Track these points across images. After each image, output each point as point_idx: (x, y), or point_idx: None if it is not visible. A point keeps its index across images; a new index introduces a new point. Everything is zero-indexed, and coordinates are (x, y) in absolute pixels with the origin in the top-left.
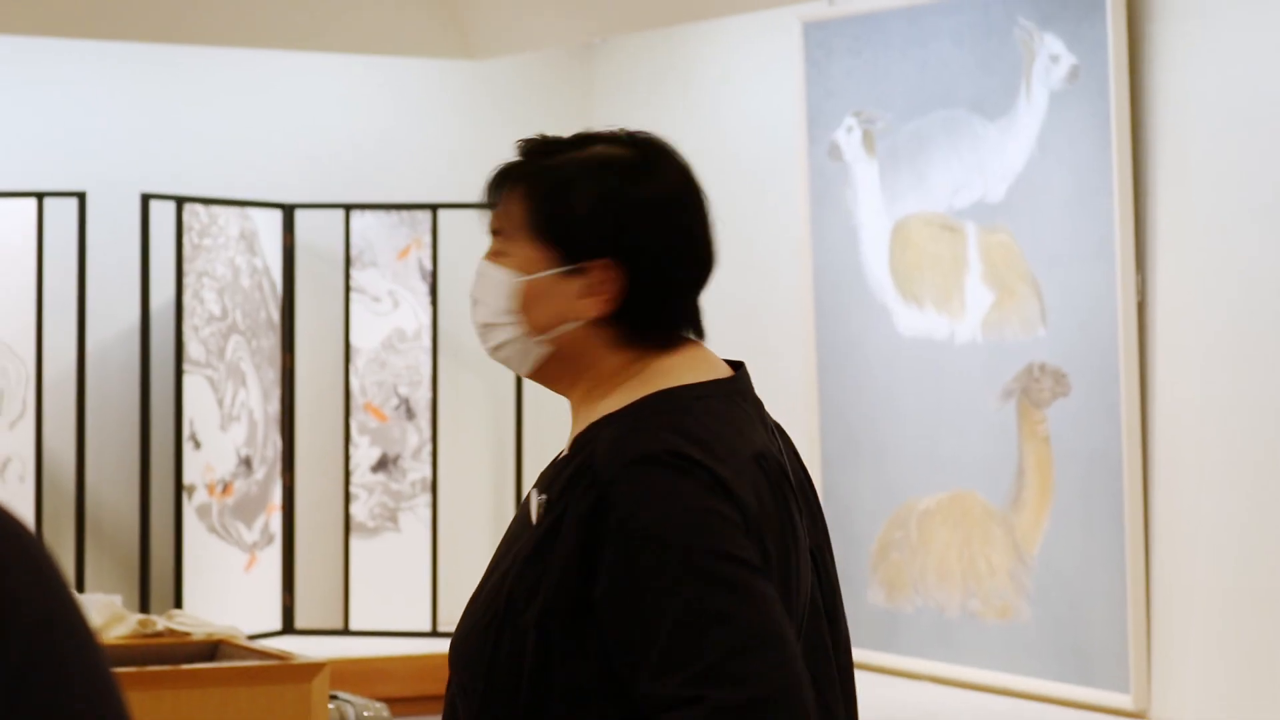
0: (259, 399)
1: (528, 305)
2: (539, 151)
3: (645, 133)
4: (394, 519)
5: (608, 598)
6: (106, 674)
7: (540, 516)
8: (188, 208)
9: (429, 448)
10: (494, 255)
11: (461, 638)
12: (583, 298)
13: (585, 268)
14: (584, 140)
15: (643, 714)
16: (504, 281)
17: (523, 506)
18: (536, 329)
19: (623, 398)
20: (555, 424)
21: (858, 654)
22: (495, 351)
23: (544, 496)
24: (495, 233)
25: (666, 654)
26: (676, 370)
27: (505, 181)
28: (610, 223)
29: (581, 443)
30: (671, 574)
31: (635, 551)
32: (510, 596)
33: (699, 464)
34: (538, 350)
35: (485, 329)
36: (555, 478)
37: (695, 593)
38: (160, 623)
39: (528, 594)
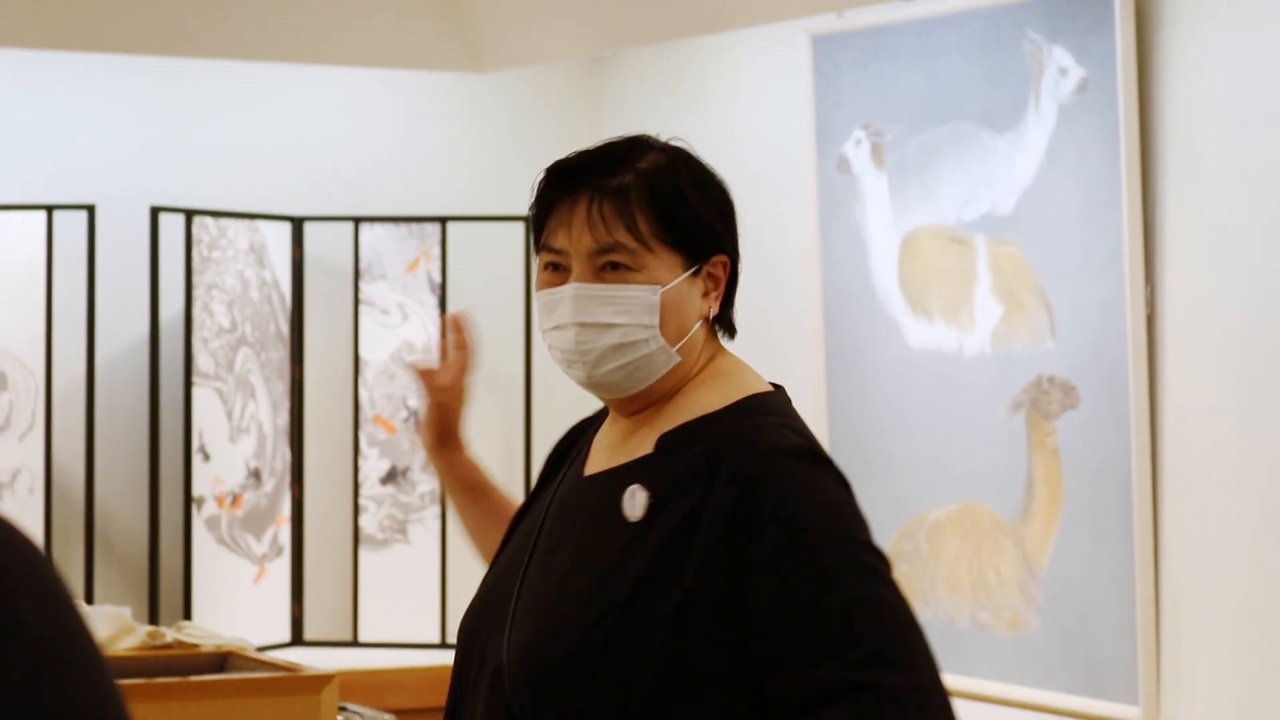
0: (268, 411)
1: (666, 316)
2: (604, 163)
3: (668, 139)
4: (403, 531)
5: (761, 585)
6: (111, 686)
7: (649, 512)
8: (197, 220)
9: None
10: (605, 273)
11: (545, 637)
12: (705, 297)
13: (704, 266)
14: (631, 147)
15: (792, 700)
16: (642, 297)
17: (603, 502)
18: (672, 339)
19: (706, 399)
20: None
21: None
22: (610, 374)
23: (649, 493)
24: (605, 250)
25: (827, 639)
26: (737, 373)
27: (606, 196)
28: (719, 218)
29: (680, 440)
30: (829, 562)
31: (790, 540)
32: (636, 590)
33: (829, 460)
34: (669, 362)
35: (608, 353)
36: (655, 474)
37: (853, 580)
38: (169, 634)
39: (663, 586)
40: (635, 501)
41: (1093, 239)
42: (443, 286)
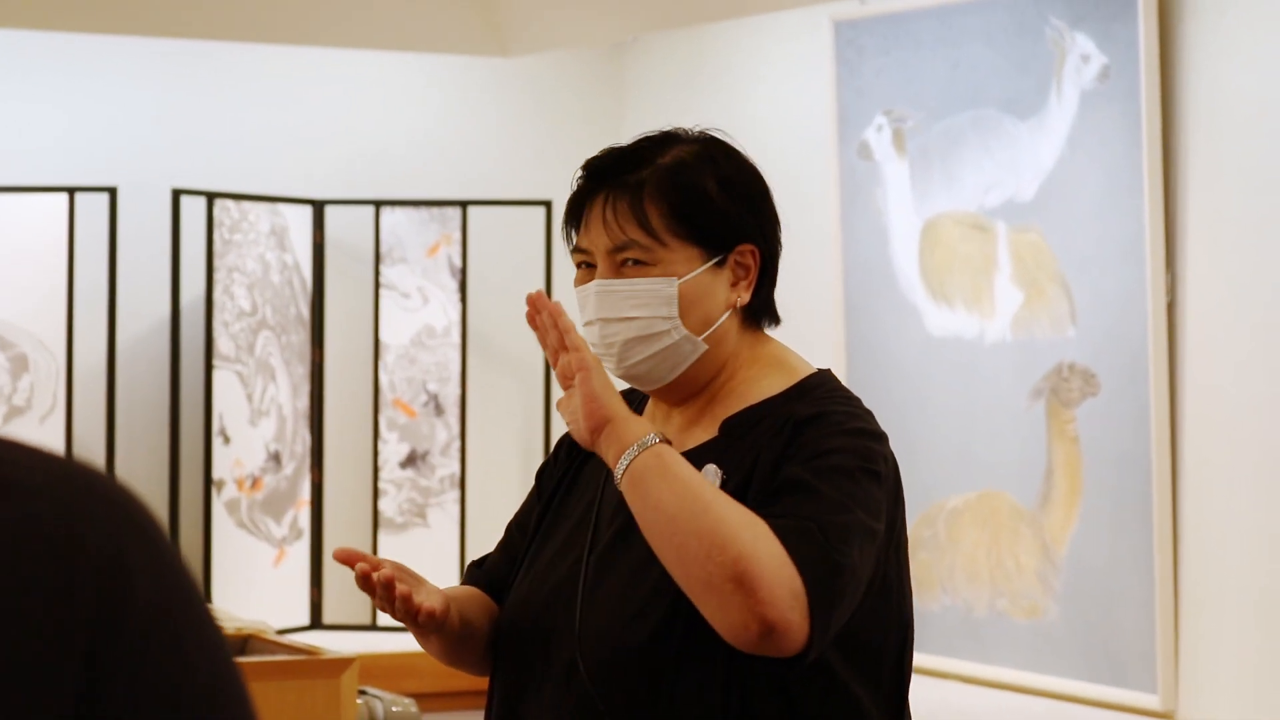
0: (288, 394)
1: (688, 307)
2: (627, 160)
3: (703, 129)
4: (422, 515)
5: (780, 481)
6: (225, 652)
7: (721, 488)
8: (218, 203)
9: (457, 444)
10: (625, 269)
11: (629, 622)
12: (733, 286)
13: (729, 256)
14: (660, 142)
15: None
16: (659, 289)
17: None
18: (697, 328)
19: (766, 384)
20: None
21: None
22: (638, 365)
23: (721, 471)
24: (620, 248)
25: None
26: (788, 359)
27: (621, 193)
28: (742, 207)
29: (745, 422)
30: (847, 494)
31: (822, 466)
32: None
33: (883, 438)
34: (695, 351)
35: (632, 344)
36: (724, 455)
37: (859, 522)
38: None
39: None
40: (710, 480)
41: (1114, 226)
42: (463, 270)
